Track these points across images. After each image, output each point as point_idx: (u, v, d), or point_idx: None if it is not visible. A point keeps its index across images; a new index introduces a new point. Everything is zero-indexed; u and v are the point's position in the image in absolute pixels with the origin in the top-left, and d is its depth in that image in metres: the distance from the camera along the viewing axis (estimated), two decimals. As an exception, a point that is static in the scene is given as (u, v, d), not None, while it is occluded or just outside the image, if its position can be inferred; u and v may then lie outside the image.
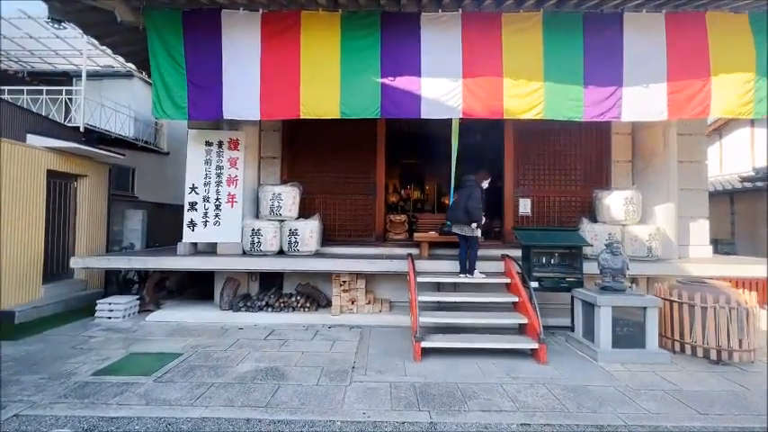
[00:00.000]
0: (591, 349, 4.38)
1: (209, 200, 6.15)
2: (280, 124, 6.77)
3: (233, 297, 5.98)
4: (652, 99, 5.13)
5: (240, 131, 6.32)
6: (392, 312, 5.87)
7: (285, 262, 5.69)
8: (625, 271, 4.53)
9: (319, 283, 6.25)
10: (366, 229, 6.76)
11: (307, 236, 6.01)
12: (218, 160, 6.22)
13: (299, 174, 6.79)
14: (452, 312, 4.89)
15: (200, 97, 5.27)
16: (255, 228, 6.00)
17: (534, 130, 6.80)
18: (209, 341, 4.85)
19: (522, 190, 6.78)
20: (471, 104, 5.12)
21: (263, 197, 6.14)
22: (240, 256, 6.01)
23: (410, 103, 5.15)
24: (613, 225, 6.05)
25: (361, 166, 6.82)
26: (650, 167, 6.33)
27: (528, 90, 5.09)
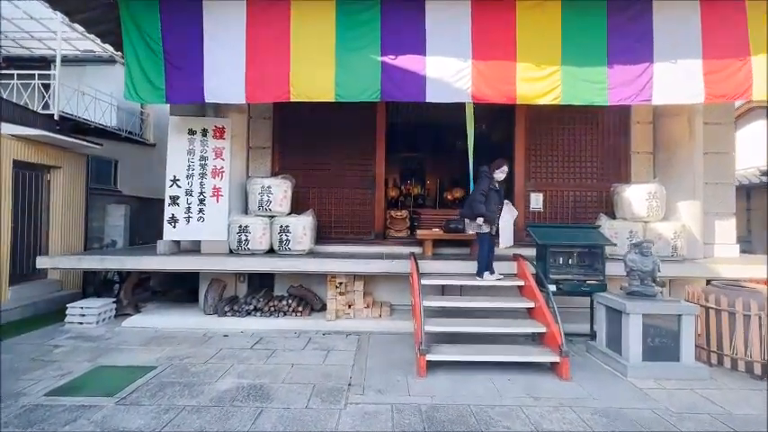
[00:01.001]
0: (618, 362, 3.88)
1: (191, 194, 5.61)
2: (270, 111, 6.22)
3: (218, 300, 5.46)
4: (687, 79, 4.57)
5: (226, 119, 5.76)
6: (392, 317, 5.36)
7: (275, 262, 5.17)
8: (656, 274, 4.02)
9: (313, 284, 5.73)
10: (364, 226, 6.23)
11: (299, 233, 5.48)
12: (201, 150, 5.68)
13: (292, 165, 6.24)
14: (460, 319, 4.38)
15: (179, 78, 4.72)
16: (243, 224, 5.46)
17: (547, 119, 6.27)
18: (188, 351, 4.33)
19: (534, 183, 6.25)
20: (481, 88, 4.57)
21: (252, 191, 5.60)
22: (226, 255, 5.48)
23: (414, 85, 4.60)
24: (634, 222, 5.54)
25: (359, 157, 6.28)
26: (674, 159, 5.80)
27: (544, 73, 4.56)
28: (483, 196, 4.48)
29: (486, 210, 4.49)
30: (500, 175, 4.57)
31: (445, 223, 5.86)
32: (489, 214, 4.50)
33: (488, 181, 4.53)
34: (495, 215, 4.54)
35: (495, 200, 4.54)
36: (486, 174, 4.56)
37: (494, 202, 4.53)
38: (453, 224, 5.69)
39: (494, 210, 4.53)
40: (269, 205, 5.50)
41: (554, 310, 3.97)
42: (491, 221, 4.54)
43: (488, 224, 4.56)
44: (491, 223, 4.56)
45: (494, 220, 4.53)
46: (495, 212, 4.54)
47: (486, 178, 4.55)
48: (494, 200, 4.53)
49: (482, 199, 4.48)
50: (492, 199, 4.53)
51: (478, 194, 4.51)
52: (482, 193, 4.49)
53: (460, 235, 5.72)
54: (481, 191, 4.50)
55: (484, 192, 4.49)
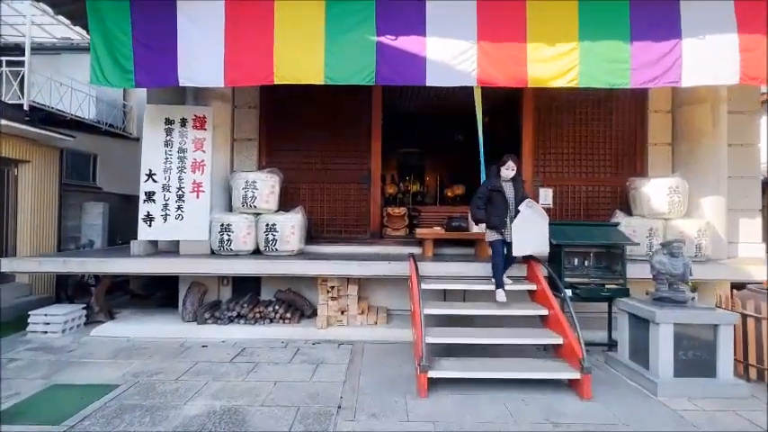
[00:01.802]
0: (645, 378, 3.42)
1: (169, 189, 5.11)
2: (257, 100, 5.73)
3: (198, 306, 4.97)
4: (720, 57, 4.07)
5: (208, 107, 5.26)
6: (389, 324, 4.88)
7: (260, 264, 4.68)
8: (687, 277, 3.55)
9: (303, 288, 5.24)
10: (359, 225, 5.75)
11: (287, 232, 4.99)
12: (180, 142, 5.17)
13: (281, 159, 5.76)
14: (464, 328, 3.91)
15: (150, 60, 4.22)
16: (225, 223, 4.97)
17: (557, 108, 5.80)
18: (159, 365, 3.84)
19: (543, 178, 5.78)
20: (488, 70, 4.09)
21: (235, 186, 5.11)
22: (207, 256, 4.99)
23: (412, 67, 4.11)
24: (654, 219, 5.07)
25: (353, 150, 5.79)
26: (696, 151, 5.32)
27: (559, 51, 4.07)
28: (480, 199, 4.04)
29: (487, 214, 4.02)
30: (506, 173, 4.03)
31: (447, 221, 5.38)
32: (493, 219, 3.99)
33: (495, 179, 4.04)
34: (500, 219, 3.97)
35: (499, 202, 3.99)
36: (492, 173, 4.09)
37: (499, 205, 3.99)
38: (456, 222, 5.21)
39: (499, 213, 3.97)
40: (254, 202, 5.01)
41: (572, 319, 3.50)
42: (495, 226, 4.00)
43: (493, 230, 4.03)
44: (496, 228, 4.00)
45: (499, 225, 3.97)
46: (501, 216, 3.96)
47: (488, 179, 4.11)
48: (498, 202, 4.00)
49: (478, 202, 4.04)
50: (496, 201, 4.00)
51: (475, 197, 4.10)
52: (479, 196, 4.06)
53: (464, 234, 5.25)
54: (479, 193, 4.08)
55: (482, 194, 4.05)
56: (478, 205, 4.05)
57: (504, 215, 3.99)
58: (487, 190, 4.03)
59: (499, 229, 4.00)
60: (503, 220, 3.99)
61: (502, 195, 4.01)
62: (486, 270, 4.48)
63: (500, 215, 3.99)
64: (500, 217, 3.98)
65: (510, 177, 4.05)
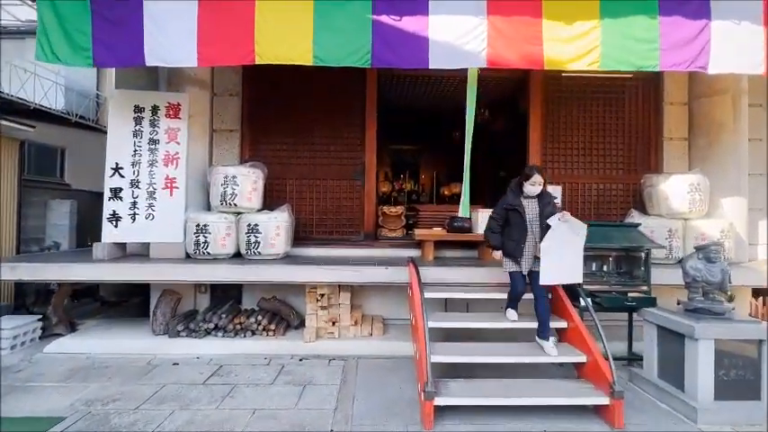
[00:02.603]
0: (679, 400, 2.99)
1: (138, 185, 4.55)
2: (239, 87, 5.18)
3: (171, 316, 4.42)
4: (746, 45, 3.69)
5: (183, 94, 4.71)
6: (386, 335, 4.39)
7: (240, 270, 4.15)
8: (726, 285, 3.13)
9: (290, 295, 4.72)
10: (352, 225, 5.24)
11: (272, 233, 4.46)
12: (151, 132, 4.61)
13: (266, 152, 5.22)
14: (472, 344, 3.45)
15: (111, 35, 3.66)
16: (201, 223, 4.42)
17: (566, 98, 5.37)
18: (119, 389, 3.30)
19: (551, 174, 5.32)
20: (500, 50, 3.62)
21: (213, 181, 4.56)
22: (181, 261, 4.44)
23: (414, 48, 3.63)
24: (672, 219, 4.67)
25: (346, 143, 5.28)
26: (716, 146, 4.94)
27: (579, 29, 3.62)
28: (494, 221, 3.41)
29: (503, 238, 3.38)
30: (531, 189, 3.28)
31: (449, 221, 4.91)
32: (508, 245, 3.32)
33: (505, 199, 3.39)
34: (517, 245, 3.26)
35: (517, 223, 3.27)
36: (510, 189, 3.43)
37: (516, 227, 3.28)
38: (459, 222, 4.74)
39: (516, 237, 3.27)
40: (234, 199, 4.47)
41: (599, 334, 3.06)
42: (511, 254, 3.32)
43: (509, 258, 3.35)
44: (512, 256, 3.31)
45: (515, 252, 3.27)
46: (518, 241, 3.26)
47: (505, 196, 3.43)
48: (516, 223, 3.28)
49: (493, 225, 3.41)
50: (513, 222, 3.30)
51: (490, 218, 3.46)
52: (494, 217, 3.42)
53: (467, 235, 4.79)
54: (494, 213, 3.45)
55: (497, 215, 3.40)
56: (493, 228, 3.41)
57: (521, 240, 3.26)
58: (504, 210, 3.34)
59: (515, 258, 3.30)
60: (519, 247, 3.26)
61: (519, 216, 3.28)
62: (493, 276, 4.04)
63: (517, 239, 3.27)
64: (517, 242, 3.27)
65: (535, 194, 3.31)
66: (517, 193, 3.37)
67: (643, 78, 5.33)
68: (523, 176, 3.34)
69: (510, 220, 3.35)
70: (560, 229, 3.17)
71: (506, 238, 3.37)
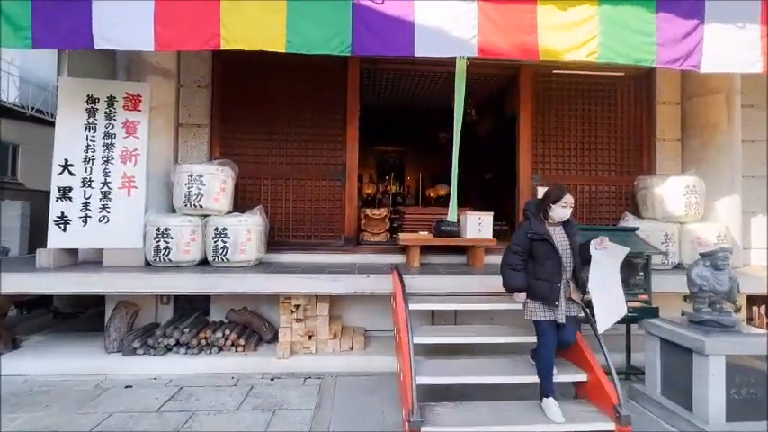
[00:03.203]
0: (688, 422, 2.73)
1: (91, 184, 4.08)
2: (208, 78, 4.75)
3: (126, 331, 3.94)
4: (741, 43, 3.54)
5: (144, 84, 4.26)
6: (368, 349, 4.03)
7: (204, 279, 3.72)
8: (735, 295, 2.90)
9: (263, 306, 4.31)
10: (332, 229, 4.87)
11: (242, 238, 4.05)
12: (107, 125, 4.15)
13: (238, 149, 4.80)
14: (463, 362, 3.12)
15: (54, 13, 3.20)
16: (162, 226, 3.98)
17: (557, 97, 5.14)
18: (55, 420, 2.84)
19: (542, 176, 5.09)
20: (491, 38, 3.32)
21: (177, 181, 4.12)
22: (139, 269, 3.98)
23: (398, 33, 3.30)
24: (668, 222, 4.48)
25: (326, 140, 4.91)
26: (709, 147, 4.80)
27: (576, 17, 3.36)
28: (517, 255, 2.71)
29: (526, 278, 2.71)
30: (561, 212, 2.69)
31: (435, 225, 4.59)
32: (539, 286, 2.65)
33: (529, 225, 2.74)
34: (551, 285, 2.62)
35: (546, 257, 2.65)
36: (531, 213, 2.79)
37: (547, 261, 2.65)
38: (446, 226, 4.43)
39: (548, 275, 2.63)
40: (200, 200, 4.04)
41: (600, 346, 2.78)
42: (543, 297, 2.65)
43: (538, 302, 2.68)
44: (544, 300, 2.65)
45: (549, 295, 2.63)
46: (551, 280, 2.62)
47: (526, 222, 2.80)
48: (544, 257, 2.65)
49: (515, 259, 2.71)
50: (541, 256, 2.66)
51: (508, 251, 2.77)
52: (515, 250, 2.72)
53: (456, 240, 4.49)
54: (514, 245, 2.74)
55: (519, 246, 2.71)
56: (515, 264, 2.71)
57: (555, 278, 2.62)
58: (527, 240, 2.69)
59: (550, 302, 2.64)
60: (554, 288, 2.62)
61: (550, 247, 2.64)
62: (484, 284, 3.74)
63: (550, 278, 2.62)
64: (550, 282, 2.62)
65: (565, 219, 2.74)
66: (541, 218, 2.74)
67: (635, 77, 5.16)
68: (550, 198, 2.72)
69: (536, 254, 2.68)
70: (601, 260, 2.74)
71: (536, 278, 2.69)
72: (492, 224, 4.56)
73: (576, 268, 2.71)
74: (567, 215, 2.73)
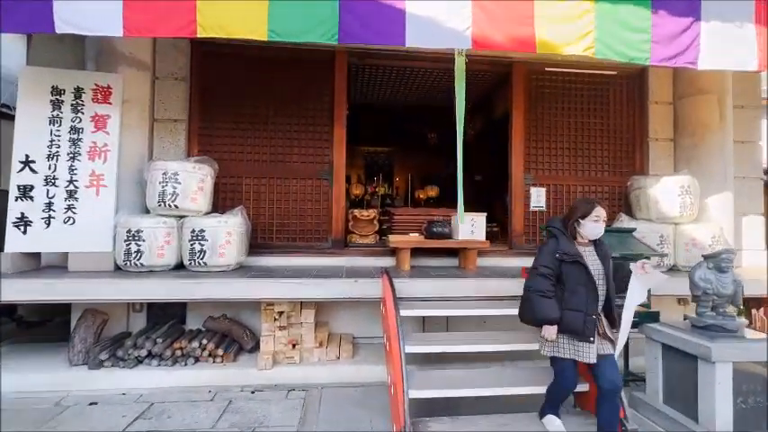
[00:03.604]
0: (693, 432, 2.60)
1: (55, 182, 3.76)
2: (186, 70, 4.47)
3: (93, 342, 3.63)
4: (737, 42, 3.50)
5: (115, 75, 3.97)
6: (356, 358, 3.80)
7: (178, 285, 3.44)
8: (739, 299, 2.79)
9: (244, 312, 4.05)
10: (318, 230, 4.63)
11: (221, 240, 3.78)
12: (73, 119, 3.84)
13: (218, 146, 4.53)
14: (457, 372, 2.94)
15: (11, -8, 2.91)
16: (134, 228, 3.69)
17: (550, 94, 5.03)
18: (6, 445, 2.53)
19: (535, 176, 4.97)
20: (487, 28, 3.16)
21: (151, 179, 3.84)
22: (109, 274, 3.68)
23: (388, 22, 3.10)
24: (662, 223, 4.39)
25: (311, 137, 4.67)
26: (701, 147, 4.74)
27: (572, 10, 3.23)
28: (545, 278, 2.31)
29: (556, 307, 2.30)
30: (592, 229, 2.37)
31: (427, 226, 4.41)
32: (570, 317, 2.27)
33: (556, 244, 2.36)
34: (584, 316, 2.26)
35: (578, 282, 2.29)
36: (558, 229, 2.42)
37: (579, 287, 2.28)
38: (438, 227, 4.26)
39: (581, 304, 2.27)
40: (175, 200, 3.76)
41: (602, 358, 2.62)
42: (573, 329, 2.27)
43: (565, 335, 2.31)
44: (575, 333, 2.27)
45: (580, 328, 2.25)
46: (584, 310, 2.26)
47: (552, 240, 2.41)
48: (575, 282, 2.29)
49: (544, 284, 2.31)
50: (572, 280, 2.29)
51: (536, 276, 2.36)
52: (543, 273, 2.32)
53: (447, 242, 4.31)
54: (540, 267, 2.35)
55: (547, 267, 2.33)
56: (545, 290, 2.29)
57: (591, 309, 2.27)
58: (556, 261, 2.31)
59: (583, 338, 2.26)
60: (589, 320, 2.25)
61: (584, 271, 2.29)
62: (478, 288, 3.57)
63: (582, 308, 2.26)
64: (583, 313, 2.25)
65: (598, 236, 2.42)
66: (569, 235, 2.39)
67: (628, 76, 5.10)
68: (577, 212, 2.38)
69: (566, 279, 2.30)
70: (638, 288, 2.44)
71: (566, 306, 2.30)
72: (485, 225, 4.41)
73: (609, 296, 2.35)
74: (601, 231, 2.38)
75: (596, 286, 2.30)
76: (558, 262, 2.32)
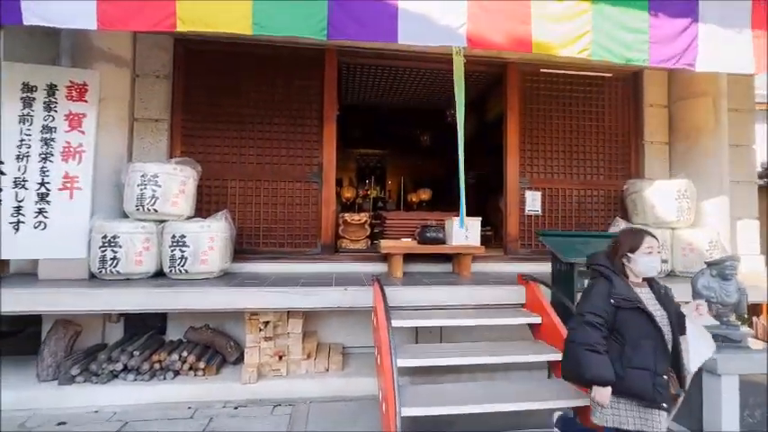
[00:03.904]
0: (699, 448, 2.48)
1: (25, 185, 3.53)
2: (169, 67, 4.28)
3: (65, 355, 3.40)
4: (735, 44, 3.45)
5: (91, 71, 3.75)
6: (346, 370, 3.62)
7: (156, 295, 3.23)
8: (744, 307, 2.69)
9: (228, 322, 3.85)
10: (307, 235, 4.46)
11: (203, 246, 3.59)
12: (46, 117, 3.61)
13: (202, 147, 4.34)
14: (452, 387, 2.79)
15: (-27, -20, 2.70)
16: (109, 234, 3.47)
17: (545, 96, 4.94)
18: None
19: (530, 179, 4.86)
20: (482, 27, 3.04)
21: (129, 182, 3.63)
22: (83, 282, 3.47)
23: (380, 18, 2.96)
24: (659, 228, 4.29)
25: (301, 138, 4.51)
26: (696, 150, 4.70)
27: (569, 10, 3.13)
28: (595, 327, 1.88)
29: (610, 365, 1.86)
30: (646, 264, 2.00)
31: (420, 231, 4.26)
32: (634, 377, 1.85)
33: (610, 286, 1.95)
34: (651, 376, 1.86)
35: (639, 332, 1.89)
36: (606, 268, 2.02)
37: (640, 339, 1.89)
38: (432, 232, 4.12)
39: (647, 360, 1.87)
40: (154, 204, 3.55)
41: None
42: (638, 393, 1.86)
43: (633, 402, 1.88)
44: (644, 401, 1.86)
45: (648, 391, 1.85)
46: (652, 369, 1.86)
47: (602, 281, 1.99)
48: (636, 332, 1.89)
49: (596, 336, 1.87)
50: (632, 330, 1.90)
51: (582, 325, 1.92)
52: (595, 322, 1.88)
53: (441, 247, 4.17)
54: (591, 314, 1.91)
55: (600, 317, 1.89)
56: (595, 343, 1.85)
57: (659, 366, 1.87)
58: (612, 308, 1.89)
59: (654, 402, 1.85)
60: (659, 381, 1.86)
61: (646, 319, 1.89)
62: (473, 296, 3.44)
63: (650, 366, 1.86)
64: (651, 372, 1.85)
65: (652, 273, 2.05)
66: (619, 272, 2.00)
67: (623, 78, 5.04)
68: (625, 245, 2.03)
69: (624, 330, 1.89)
70: (697, 335, 2.08)
71: (628, 365, 1.86)
72: (479, 230, 4.28)
73: (676, 347, 1.96)
74: (657, 266, 2.02)
75: (664, 338, 1.90)
76: (614, 308, 1.88)
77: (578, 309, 2.06)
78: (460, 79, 3.36)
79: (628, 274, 2.03)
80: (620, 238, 2.13)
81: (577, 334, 1.94)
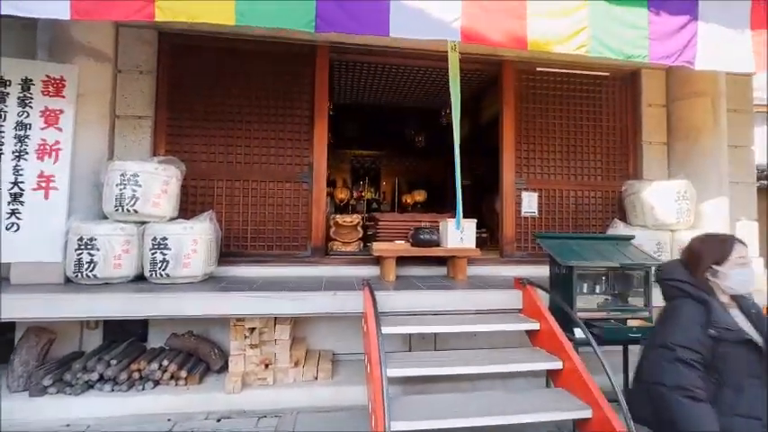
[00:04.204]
0: (705, 463, 2.34)
1: (-3, 184, 3.35)
2: (153, 62, 4.11)
3: (38, 365, 3.21)
4: (735, 42, 3.37)
5: (69, 66, 3.59)
6: (336, 378, 3.47)
7: (136, 301, 3.05)
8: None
9: (213, 328, 3.68)
10: (296, 237, 4.30)
11: (186, 249, 3.42)
12: (20, 113, 3.44)
13: (188, 146, 4.18)
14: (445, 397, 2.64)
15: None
16: (86, 236, 3.30)
17: (541, 97, 4.84)
18: None
19: (527, 180, 4.74)
20: (476, 21, 2.92)
21: (108, 181, 3.46)
22: (58, 287, 3.28)
23: (371, 10, 2.83)
24: (659, 230, 4.21)
25: (290, 137, 4.36)
26: (695, 151, 4.61)
27: (566, 6, 3.03)
28: (694, 367, 1.51)
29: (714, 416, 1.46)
30: (739, 277, 1.61)
31: (413, 233, 4.12)
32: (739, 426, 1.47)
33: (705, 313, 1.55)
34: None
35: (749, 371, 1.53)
36: (694, 286, 1.63)
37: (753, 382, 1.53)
38: (426, 235, 3.98)
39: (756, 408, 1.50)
40: (134, 204, 3.38)
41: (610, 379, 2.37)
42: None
43: None
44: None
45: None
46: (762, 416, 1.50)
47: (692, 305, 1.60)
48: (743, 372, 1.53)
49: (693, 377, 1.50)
50: (737, 369, 1.53)
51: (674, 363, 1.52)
52: (688, 359, 1.51)
53: (434, 250, 4.03)
54: (684, 348, 1.52)
55: (695, 353, 1.52)
56: (692, 388, 1.49)
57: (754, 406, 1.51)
58: (707, 339, 1.52)
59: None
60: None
61: (754, 353, 1.54)
62: (468, 300, 3.30)
63: (760, 413, 1.50)
64: (764, 421, 1.50)
65: (745, 290, 1.66)
66: (710, 293, 1.61)
67: (621, 77, 4.95)
68: (711, 256, 1.64)
69: (722, 367, 1.53)
70: None
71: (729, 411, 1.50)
72: (475, 232, 4.15)
73: None
74: (752, 281, 1.63)
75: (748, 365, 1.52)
76: (714, 341, 1.49)
77: (662, 339, 1.60)
78: (456, 76, 3.25)
79: (718, 286, 1.63)
80: (701, 247, 1.70)
81: (667, 374, 1.50)
